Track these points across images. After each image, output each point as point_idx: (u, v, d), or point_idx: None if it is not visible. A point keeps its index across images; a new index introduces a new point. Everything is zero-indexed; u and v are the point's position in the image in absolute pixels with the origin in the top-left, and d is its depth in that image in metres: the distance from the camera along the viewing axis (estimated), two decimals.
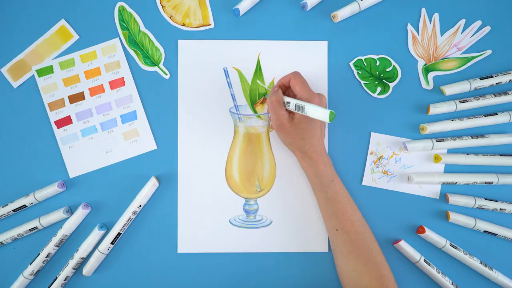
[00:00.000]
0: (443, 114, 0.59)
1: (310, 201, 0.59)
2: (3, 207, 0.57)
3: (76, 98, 0.58)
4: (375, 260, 0.52)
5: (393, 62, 0.59)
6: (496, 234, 0.58)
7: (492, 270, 0.57)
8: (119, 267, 0.58)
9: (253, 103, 0.59)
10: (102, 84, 0.58)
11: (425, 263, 0.56)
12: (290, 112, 0.52)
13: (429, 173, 0.59)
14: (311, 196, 0.59)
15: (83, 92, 0.58)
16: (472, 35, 0.60)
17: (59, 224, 0.57)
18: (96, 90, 0.58)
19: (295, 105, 0.49)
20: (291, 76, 0.52)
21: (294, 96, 0.53)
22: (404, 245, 0.57)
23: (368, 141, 0.59)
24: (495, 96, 0.58)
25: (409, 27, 0.60)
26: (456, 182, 0.58)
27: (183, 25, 0.59)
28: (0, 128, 0.58)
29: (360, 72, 0.59)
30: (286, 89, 0.55)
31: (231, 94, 0.58)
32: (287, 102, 0.51)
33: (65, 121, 0.58)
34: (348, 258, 0.53)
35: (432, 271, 0.56)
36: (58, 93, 0.58)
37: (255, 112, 0.59)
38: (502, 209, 0.58)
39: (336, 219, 0.53)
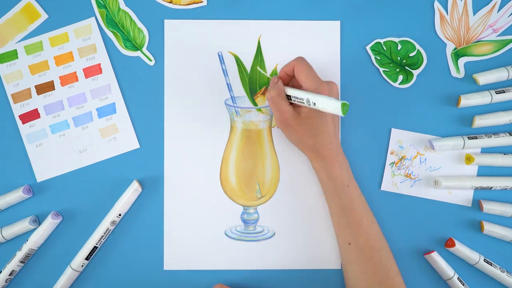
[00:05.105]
0: (476, 106, 0.57)
1: (319, 209, 0.57)
2: None
3: (45, 88, 0.57)
4: (391, 282, 0.50)
5: (417, 46, 0.58)
6: None
7: None
8: (95, 287, 0.56)
9: (252, 94, 0.58)
10: (75, 72, 0.57)
11: (458, 282, 0.54)
12: (295, 105, 0.51)
13: (460, 176, 0.57)
14: (320, 204, 0.57)
15: (52, 81, 0.57)
16: (511, 14, 0.58)
17: (24, 236, 0.56)
18: (68, 79, 0.57)
19: (300, 98, 0.49)
20: (294, 62, 0.51)
21: (299, 86, 0.52)
22: (437, 258, 0.54)
23: (388, 139, 0.58)
24: None
25: (436, 5, 0.58)
26: (492, 187, 0.56)
27: (171, 2, 0.57)
28: None
29: (378, 58, 0.58)
30: (289, 79, 0.54)
31: (227, 84, 0.56)
32: (289, 95, 0.50)
33: (31, 115, 0.57)
34: (361, 278, 0.51)
35: None
36: (23, 82, 0.57)
37: (255, 104, 0.57)
38: None
39: (349, 231, 0.52)
